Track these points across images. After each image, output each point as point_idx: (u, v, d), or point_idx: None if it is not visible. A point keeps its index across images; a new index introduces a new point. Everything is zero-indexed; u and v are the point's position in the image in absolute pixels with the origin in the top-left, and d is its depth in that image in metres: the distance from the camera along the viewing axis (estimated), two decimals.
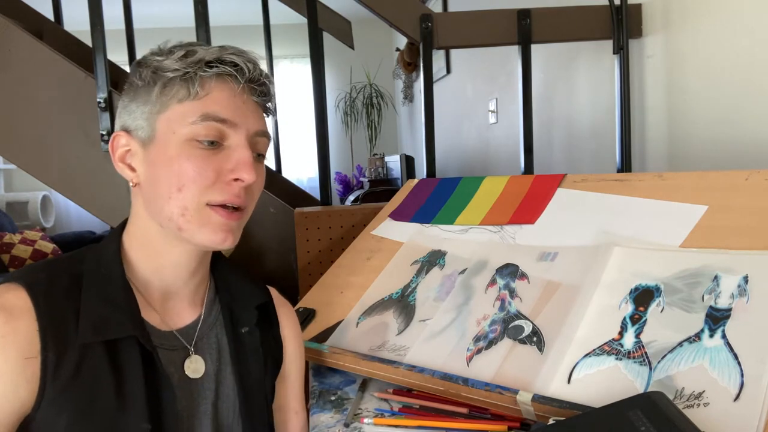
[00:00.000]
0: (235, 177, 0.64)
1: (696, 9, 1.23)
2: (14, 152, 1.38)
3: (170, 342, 0.68)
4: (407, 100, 4.71)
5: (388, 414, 0.74)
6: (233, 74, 0.64)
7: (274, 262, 1.46)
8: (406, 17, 1.38)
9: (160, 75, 0.64)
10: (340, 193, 4.62)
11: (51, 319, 0.59)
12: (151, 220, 0.66)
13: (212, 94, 0.64)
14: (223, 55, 0.64)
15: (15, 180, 5.17)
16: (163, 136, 0.64)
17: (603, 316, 0.70)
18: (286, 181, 2.40)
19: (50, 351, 0.58)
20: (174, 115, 0.63)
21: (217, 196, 0.63)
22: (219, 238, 0.64)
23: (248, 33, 4.37)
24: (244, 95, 0.66)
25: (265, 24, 2.29)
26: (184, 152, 0.63)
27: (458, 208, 1.06)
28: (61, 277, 0.63)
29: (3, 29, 1.34)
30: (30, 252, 4.14)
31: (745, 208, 0.74)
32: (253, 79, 0.66)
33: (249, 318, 0.75)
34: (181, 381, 0.67)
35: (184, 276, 0.69)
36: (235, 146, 0.64)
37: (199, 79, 0.63)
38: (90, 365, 0.59)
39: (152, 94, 0.64)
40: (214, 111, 0.63)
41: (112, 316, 0.62)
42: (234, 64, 0.65)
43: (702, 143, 1.23)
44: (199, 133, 0.63)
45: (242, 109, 0.65)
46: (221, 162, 0.64)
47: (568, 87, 1.87)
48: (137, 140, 0.66)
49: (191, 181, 0.62)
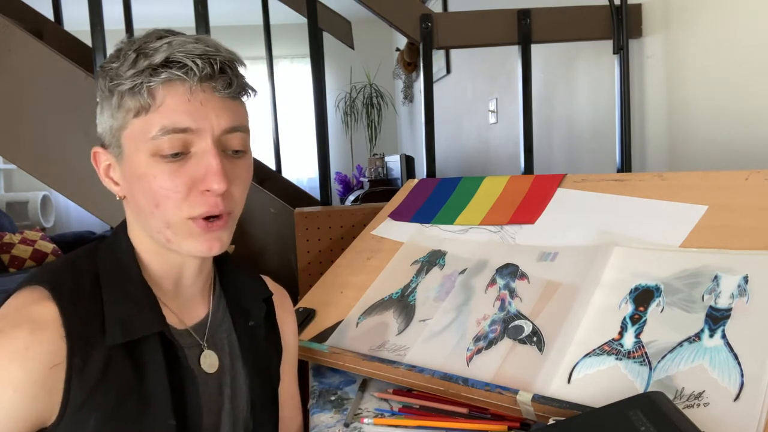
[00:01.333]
0: (205, 188, 0.60)
1: (696, 9, 1.23)
2: (14, 152, 1.38)
3: (186, 339, 0.68)
4: (407, 100, 4.71)
5: (388, 414, 0.74)
6: (182, 77, 0.59)
7: (274, 262, 1.46)
8: (406, 17, 1.38)
9: (114, 87, 0.60)
10: (340, 193, 4.62)
11: (77, 323, 0.58)
12: (143, 232, 0.66)
13: (166, 102, 0.59)
14: (171, 54, 0.58)
15: (15, 180, 5.17)
16: (129, 153, 0.61)
17: (603, 316, 0.70)
18: (286, 181, 2.40)
19: (76, 356, 0.57)
20: (134, 131, 0.60)
21: (195, 210, 0.61)
22: (205, 247, 0.63)
23: (248, 33, 4.37)
24: (200, 95, 0.60)
25: (265, 24, 2.29)
26: (150, 169, 0.60)
27: (458, 208, 1.06)
28: (83, 278, 0.62)
29: (3, 29, 1.34)
30: (30, 252, 4.14)
31: (745, 208, 0.74)
32: (206, 75, 0.59)
33: (257, 312, 0.75)
34: (200, 377, 0.68)
35: (191, 275, 0.69)
36: (202, 153, 0.60)
37: (147, 90, 0.58)
38: (115, 365, 0.59)
39: (112, 107, 0.61)
40: (172, 122, 0.59)
41: (137, 315, 0.61)
42: (182, 64, 0.59)
43: (702, 143, 1.23)
44: (162, 148, 0.59)
45: (201, 111, 0.60)
46: (191, 171, 0.60)
47: (568, 87, 1.87)
48: (112, 155, 0.64)
49: (165, 198, 0.60)
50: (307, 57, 2.14)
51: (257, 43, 2.63)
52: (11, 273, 3.96)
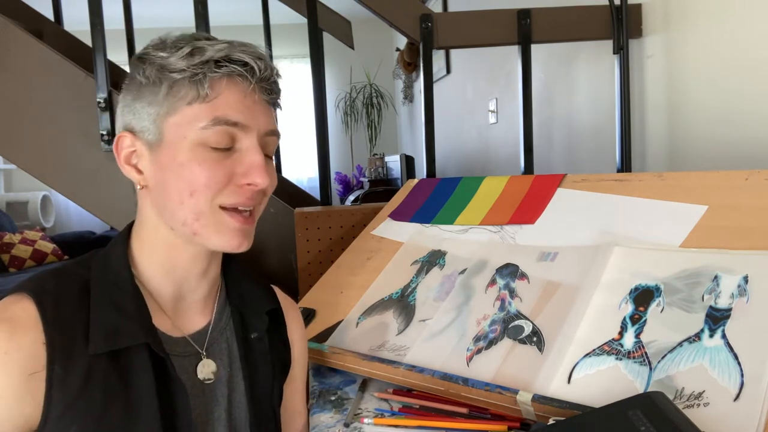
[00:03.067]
0: (248, 182, 0.62)
1: (696, 9, 1.23)
2: (14, 152, 1.38)
3: (182, 348, 0.67)
4: (407, 100, 4.71)
5: (388, 414, 0.74)
6: (244, 74, 0.62)
7: (274, 262, 1.46)
8: (406, 17, 1.38)
9: (167, 75, 0.61)
10: (340, 193, 4.62)
11: (59, 331, 0.57)
12: (161, 223, 0.64)
13: (222, 95, 0.61)
14: (231, 53, 0.61)
15: (15, 180, 5.17)
16: (172, 139, 0.61)
17: (603, 316, 0.70)
18: (286, 181, 2.40)
19: (57, 363, 0.56)
20: (183, 118, 0.61)
21: (230, 199, 0.62)
22: (236, 242, 0.64)
23: (248, 33, 4.36)
24: (254, 95, 0.63)
25: (265, 24, 2.29)
26: (195, 157, 0.61)
27: (458, 208, 1.06)
28: (70, 285, 0.61)
29: (3, 29, 1.34)
30: (30, 252, 4.14)
31: (745, 208, 0.74)
32: (263, 77, 0.63)
33: (260, 324, 0.73)
34: (195, 387, 0.66)
35: (196, 278, 0.68)
36: (247, 149, 0.63)
37: (209, 81, 0.60)
38: (99, 375, 0.58)
39: (159, 94, 0.61)
40: (225, 114, 0.61)
41: (123, 324, 0.60)
42: (244, 63, 0.62)
43: (702, 143, 1.23)
44: (210, 138, 0.60)
45: (253, 109, 0.63)
46: (233, 165, 0.62)
47: (568, 87, 1.87)
48: (143, 142, 0.63)
49: (203, 186, 0.61)
50: (307, 57, 2.14)
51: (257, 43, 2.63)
52: (11, 273, 3.96)
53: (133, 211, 0.69)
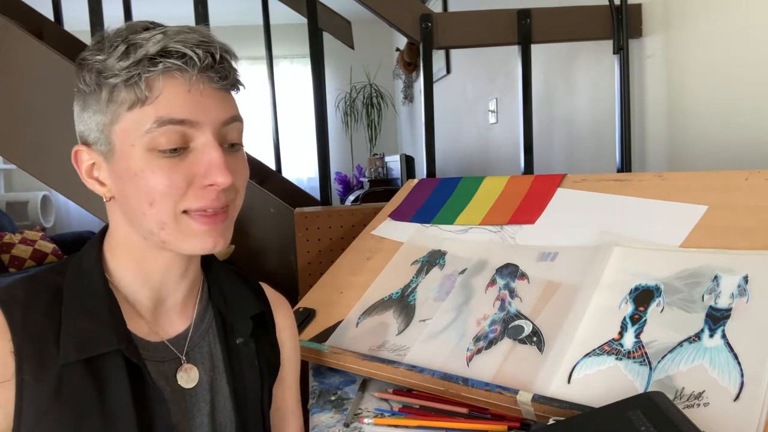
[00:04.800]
0: (209, 182, 0.58)
1: (696, 9, 1.23)
2: (14, 152, 1.38)
3: (161, 353, 0.64)
4: (407, 100, 4.71)
5: (388, 414, 0.74)
6: (182, 67, 0.56)
7: (274, 262, 1.46)
8: (406, 17, 1.38)
9: (103, 81, 0.57)
10: (340, 193, 4.62)
11: (28, 339, 0.55)
12: (132, 232, 0.62)
13: (163, 94, 0.56)
14: (167, 44, 0.56)
15: (15, 180, 5.17)
16: (121, 149, 0.57)
17: (603, 316, 0.70)
18: (286, 181, 2.40)
19: (26, 373, 0.54)
20: (127, 125, 0.57)
21: (194, 204, 0.58)
22: (208, 245, 0.60)
23: (248, 33, 4.37)
24: (200, 86, 0.57)
25: (265, 24, 2.29)
26: (147, 165, 0.56)
27: (458, 208, 1.06)
28: (40, 292, 0.59)
29: (3, 29, 1.34)
30: (30, 252, 4.14)
31: (745, 208, 0.74)
32: (206, 66, 0.57)
33: (244, 328, 0.70)
34: (174, 393, 0.63)
35: (173, 281, 0.65)
36: (203, 147, 0.58)
37: (145, 81, 0.55)
38: (72, 384, 0.56)
39: (101, 102, 0.58)
40: (169, 113, 0.56)
41: (95, 331, 0.57)
42: (181, 54, 0.56)
43: (702, 143, 1.23)
44: (159, 142, 0.56)
45: (201, 103, 0.57)
46: (190, 167, 0.57)
47: (568, 87, 1.87)
48: (98, 153, 0.60)
49: (162, 195, 0.57)
50: (307, 57, 2.14)
51: (257, 43, 2.63)
52: (11, 273, 3.96)
53: None
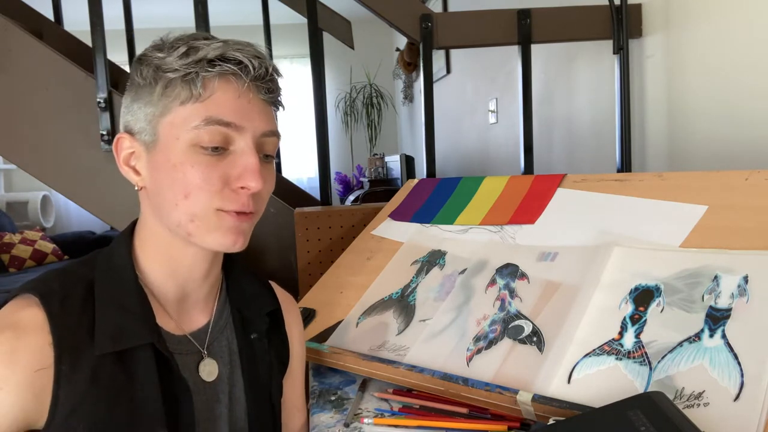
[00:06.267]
0: (241, 185, 0.61)
1: (696, 9, 1.23)
2: (14, 152, 1.38)
3: (185, 346, 0.67)
4: (407, 100, 4.71)
5: (388, 414, 0.74)
6: (237, 73, 0.61)
7: (274, 262, 1.46)
8: (406, 17, 1.38)
9: (161, 75, 0.61)
10: (340, 193, 4.62)
11: (66, 331, 0.58)
12: (159, 224, 0.64)
13: (216, 95, 0.60)
14: (226, 51, 0.61)
15: (15, 180, 5.17)
16: (166, 141, 0.61)
17: (603, 316, 0.70)
18: (286, 181, 2.40)
19: (64, 363, 0.57)
20: (176, 118, 0.61)
21: (227, 205, 0.62)
22: (230, 240, 0.63)
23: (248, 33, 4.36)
24: (249, 94, 0.62)
25: (265, 24, 2.29)
26: (188, 159, 0.60)
27: (458, 208, 1.06)
28: (76, 286, 0.61)
29: (3, 29, 1.34)
30: (30, 252, 4.14)
31: (745, 208, 0.74)
32: (258, 76, 0.62)
33: (260, 325, 0.74)
34: (197, 385, 0.67)
35: (198, 278, 0.68)
36: (241, 151, 0.62)
37: (201, 80, 0.60)
38: (105, 374, 0.58)
39: (154, 95, 0.61)
40: (218, 114, 0.60)
41: (128, 324, 0.60)
42: (238, 61, 0.61)
43: (702, 143, 1.23)
44: (203, 139, 0.60)
45: (248, 110, 0.62)
46: (227, 168, 0.61)
47: (568, 87, 1.87)
48: (141, 143, 0.63)
49: (197, 189, 0.60)
50: (307, 57, 2.14)
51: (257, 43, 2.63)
52: (11, 273, 3.96)
53: (133, 211, 0.69)
